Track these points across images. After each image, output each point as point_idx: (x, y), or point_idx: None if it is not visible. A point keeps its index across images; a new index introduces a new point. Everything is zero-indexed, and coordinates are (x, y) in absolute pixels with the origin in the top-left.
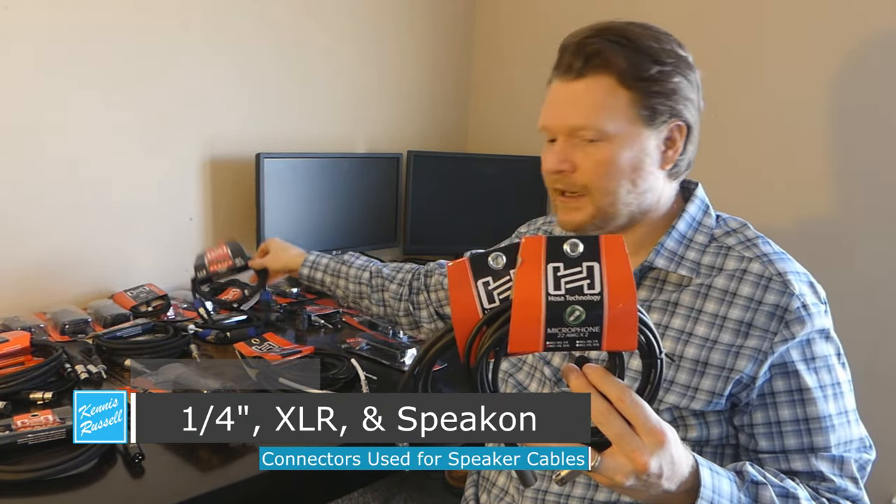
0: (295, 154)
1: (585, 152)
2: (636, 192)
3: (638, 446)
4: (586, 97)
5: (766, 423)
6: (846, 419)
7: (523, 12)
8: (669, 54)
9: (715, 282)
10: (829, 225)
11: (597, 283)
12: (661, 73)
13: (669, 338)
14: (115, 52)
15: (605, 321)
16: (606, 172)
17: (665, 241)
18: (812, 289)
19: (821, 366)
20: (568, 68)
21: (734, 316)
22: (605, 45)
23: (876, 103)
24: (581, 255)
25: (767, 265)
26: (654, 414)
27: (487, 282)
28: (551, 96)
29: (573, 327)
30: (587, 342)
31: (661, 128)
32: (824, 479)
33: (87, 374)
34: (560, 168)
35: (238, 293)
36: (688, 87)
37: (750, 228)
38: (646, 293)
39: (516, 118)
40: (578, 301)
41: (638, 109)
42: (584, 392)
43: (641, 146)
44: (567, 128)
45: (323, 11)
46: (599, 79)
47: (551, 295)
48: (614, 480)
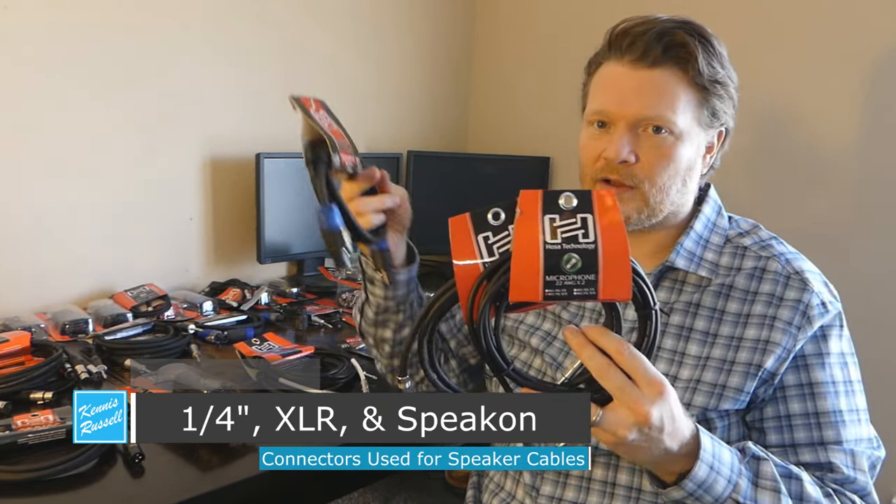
0: (295, 154)
1: (651, 144)
2: (683, 192)
3: (638, 397)
4: (664, 87)
5: (776, 417)
6: (857, 417)
7: (523, 12)
8: (727, 59)
9: (735, 282)
10: (830, 226)
11: (591, 233)
12: (724, 77)
13: (695, 340)
14: (115, 51)
15: (601, 269)
16: (667, 168)
17: (684, 242)
18: (827, 287)
19: (834, 362)
20: (643, 54)
21: (757, 311)
22: (688, 39)
23: (879, 104)
24: (575, 208)
25: (785, 264)
26: (652, 366)
27: (487, 236)
28: (615, 81)
29: (570, 275)
30: (584, 290)
31: (712, 132)
32: (832, 470)
33: (87, 374)
34: (627, 158)
35: (238, 293)
36: (736, 95)
37: (762, 229)
38: (665, 294)
39: (516, 118)
40: (574, 249)
41: (704, 110)
42: (583, 349)
43: (698, 147)
44: (636, 116)
45: (323, 11)
46: (676, 71)
47: (548, 243)
48: (617, 434)
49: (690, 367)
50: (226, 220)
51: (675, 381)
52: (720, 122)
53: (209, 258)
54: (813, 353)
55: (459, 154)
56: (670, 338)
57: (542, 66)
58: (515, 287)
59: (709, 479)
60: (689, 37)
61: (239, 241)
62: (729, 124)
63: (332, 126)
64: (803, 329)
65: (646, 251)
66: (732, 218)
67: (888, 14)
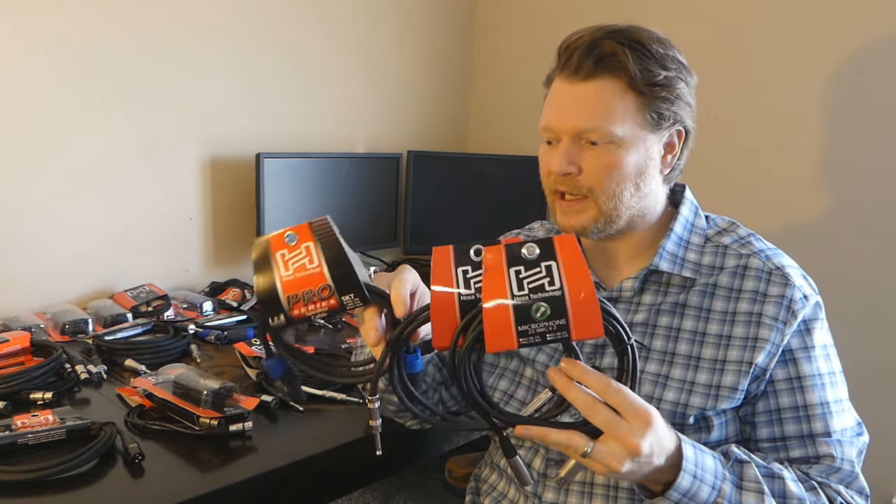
0: (295, 154)
1: (592, 154)
2: (638, 196)
3: (628, 430)
4: (596, 99)
5: (767, 412)
6: (842, 407)
7: (523, 12)
8: (673, 60)
9: (719, 280)
10: (818, 225)
11: (556, 280)
12: (667, 78)
13: (684, 340)
14: (115, 51)
15: (570, 312)
16: (613, 175)
17: (665, 245)
18: (807, 281)
19: (819, 354)
20: (577, 68)
21: (743, 309)
22: (617, 48)
23: (870, 103)
24: (539, 256)
25: (766, 261)
26: (638, 397)
27: (466, 270)
28: (556, 97)
29: (541, 322)
30: (557, 334)
31: (663, 133)
32: (820, 462)
33: (87, 374)
34: (568, 170)
35: (238, 293)
36: (688, 93)
37: (740, 226)
38: (651, 297)
39: (516, 118)
40: (542, 298)
41: (645, 114)
42: (569, 390)
43: (646, 150)
44: (575, 130)
45: (323, 11)
46: (609, 81)
47: (516, 296)
48: (610, 467)
49: (682, 366)
50: (226, 220)
51: (668, 381)
52: (670, 123)
53: (209, 258)
54: (799, 346)
55: (459, 154)
56: (659, 339)
57: (542, 67)
58: (491, 339)
59: (692, 487)
60: (619, 45)
61: (239, 241)
62: (685, 123)
63: (303, 269)
64: (789, 323)
65: (623, 255)
66: (709, 217)
67: (881, 8)
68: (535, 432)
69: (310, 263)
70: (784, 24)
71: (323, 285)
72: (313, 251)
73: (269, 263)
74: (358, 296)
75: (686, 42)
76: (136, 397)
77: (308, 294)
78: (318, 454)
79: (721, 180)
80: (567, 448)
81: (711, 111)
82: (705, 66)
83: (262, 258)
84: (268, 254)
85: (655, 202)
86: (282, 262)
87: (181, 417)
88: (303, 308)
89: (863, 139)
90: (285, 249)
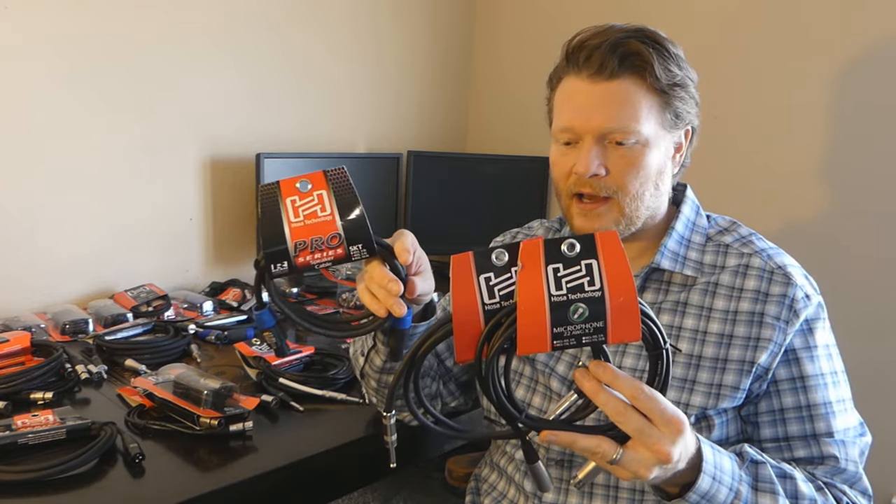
0: (295, 154)
1: (618, 154)
2: (656, 196)
3: (659, 438)
4: (624, 98)
5: (770, 412)
6: (844, 406)
7: (523, 12)
8: (684, 60)
9: (721, 279)
10: (819, 224)
11: (597, 280)
12: (683, 78)
13: (685, 338)
14: (116, 51)
15: (609, 315)
16: (638, 176)
17: (667, 243)
18: (808, 280)
19: (821, 354)
20: (600, 67)
21: (745, 308)
22: (642, 47)
23: (870, 103)
24: (579, 254)
25: (767, 260)
26: (669, 403)
27: (489, 277)
28: (575, 97)
29: (578, 324)
30: (593, 337)
31: (677, 132)
32: (824, 463)
33: (88, 374)
34: (598, 171)
35: (238, 293)
36: (696, 93)
37: (741, 226)
38: (652, 295)
39: (516, 118)
40: (581, 298)
41: (666, 114)
42: (598, 394)
43: (665, 150)
44: (600, 130)
45: (323, 11)
46: (633, 81)
47: (554, 296)
48: (638, 474)
49: (683, 365)
50: (226, 220)
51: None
52: (684, 122)
53: (209, 258)
54: (801, 346)
55: (459, 154)
56: None
57: (542, 67)
58: (523, 341)
59: (712, 489)
60: (643, 44)
61: (239, 241)
62: (694, 122)
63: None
64: (791, 322)
65: (629, 256)
66: (710, 216)
67: (881, 9)
68: (562, 438)
69: (322, 211)
70: (784, 24)
71: (333, 233)
72: (326, 199)
73: (278, 208)
74: (366, 246)
75: (686, 42)
76: (136, 397)
77: (317, 241)
78: (318, 454)
79: (721, 180)
80: (594, 455)
81: (711, 111)
82: (705, 66)
83: (269, 203)
84: (277, 199)
85: (665, 202)
86: (291, 208)
87: (181, 417)
88: (309, 256)
89: (863, 139)
90: (296, 196)
